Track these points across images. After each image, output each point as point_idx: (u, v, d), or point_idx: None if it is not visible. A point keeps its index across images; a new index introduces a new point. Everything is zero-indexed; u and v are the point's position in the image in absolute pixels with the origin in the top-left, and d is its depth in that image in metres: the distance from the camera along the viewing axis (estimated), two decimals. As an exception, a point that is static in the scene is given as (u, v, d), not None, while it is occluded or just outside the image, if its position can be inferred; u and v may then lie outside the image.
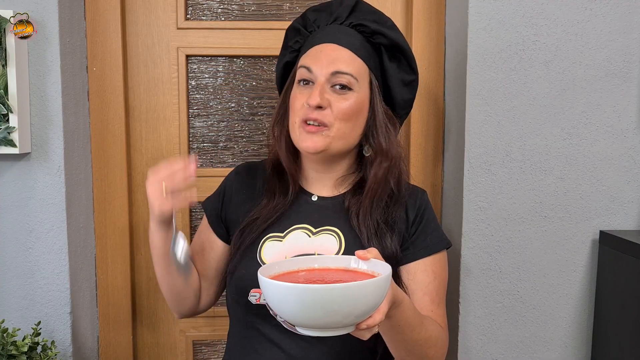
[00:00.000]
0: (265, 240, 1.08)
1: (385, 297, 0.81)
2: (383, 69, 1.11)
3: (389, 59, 1.10)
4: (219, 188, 1.21)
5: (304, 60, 1.08)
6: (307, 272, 0.89)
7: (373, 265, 0.87)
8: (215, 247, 1.18)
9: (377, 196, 1.09)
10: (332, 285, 0.75)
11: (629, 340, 1.21)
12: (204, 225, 1.20)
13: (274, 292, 0.78)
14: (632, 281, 1.20)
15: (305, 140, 1.05)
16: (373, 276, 0.84)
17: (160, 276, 1.11)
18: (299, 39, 1.14)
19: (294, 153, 1.13)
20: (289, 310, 0.78)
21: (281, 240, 1.08)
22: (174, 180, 0.98)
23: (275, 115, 1.14)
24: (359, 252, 0.87)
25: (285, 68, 1.16)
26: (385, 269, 0.83)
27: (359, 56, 1.07)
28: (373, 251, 0.87)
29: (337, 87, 1.05)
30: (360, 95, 1.06)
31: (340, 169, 1.13)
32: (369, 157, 1.11)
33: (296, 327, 0.81)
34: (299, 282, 0.78)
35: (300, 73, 1.07)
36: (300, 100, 1.06)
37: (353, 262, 0.89)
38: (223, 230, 1.17)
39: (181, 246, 1.02)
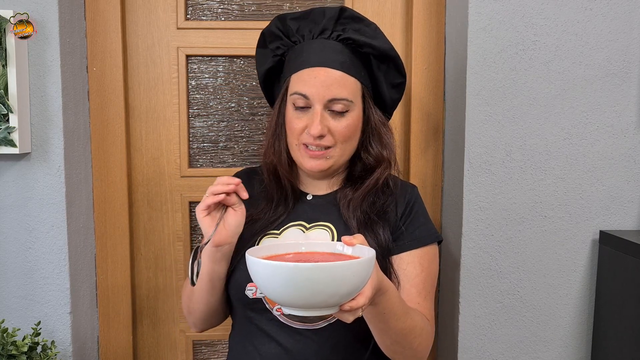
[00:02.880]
0: (261, 238, 1.12)
1: (369, 281, 0.83)
2: (372, 76, 1.14)
3: (377, 66, 1.13)
4: None
5: (297, 85, 1.08)
6: (295, 255, 0.91)
7: (359, 250, 0.88)
8: None
9: (369, 191, 1.12)
10: (317, 264, 0.77)
11: (629, 340, 1.21)
12: None
13: (261, 271, 0.79)
14: (632, 281, 1.20)
15: (309, 162, 1.09)
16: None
17: (200, 296, 1.11)
18: (281, 44, 1.15)
19: (291, 161, 1.16)
20: (275, 289, 0.79)
21: (277, 237, 1.12)
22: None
23: (272, 131, 1.15)
24: (345, 238, 0.88)
25: (268, 73, 1.19)
26: (370, 252, 0.85)
27: (351, 74, 1.09)
28: (359, 237, 0.89)
29: (334, 110, 1.08)
30: (355, 113, 1.10)
31: (335, 172, 1.17)
32: (365, 161, 1.14)
33: (281, 307, 0.82)
34: None
35: (295, 99, 1.08)
36: (298, 125, 1.09)
37: (339, 246, 0.92)
38: None
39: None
